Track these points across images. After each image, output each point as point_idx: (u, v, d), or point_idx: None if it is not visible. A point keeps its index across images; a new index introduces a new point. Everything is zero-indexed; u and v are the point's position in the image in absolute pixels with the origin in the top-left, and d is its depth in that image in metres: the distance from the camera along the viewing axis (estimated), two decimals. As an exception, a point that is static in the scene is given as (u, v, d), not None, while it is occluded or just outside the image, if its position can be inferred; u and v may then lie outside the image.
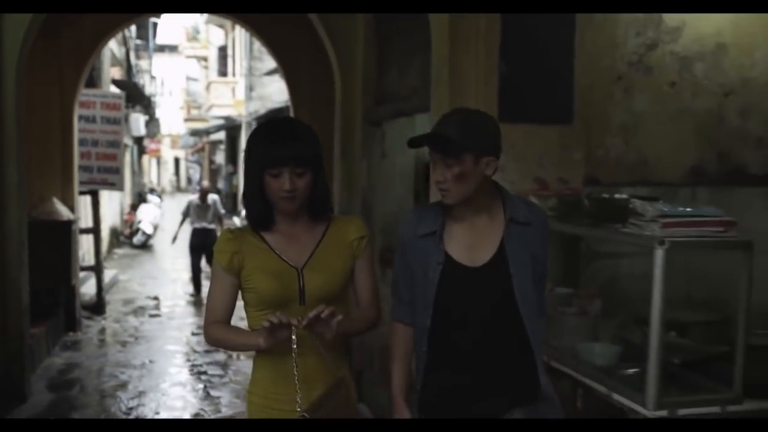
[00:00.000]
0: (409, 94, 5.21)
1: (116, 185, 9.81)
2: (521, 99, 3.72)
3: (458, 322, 2.34)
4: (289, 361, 2.17)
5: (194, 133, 37.75)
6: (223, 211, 11.67)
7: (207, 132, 34.71)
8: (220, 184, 32.10)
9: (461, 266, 2.33)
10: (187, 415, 5.83)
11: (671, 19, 4.06)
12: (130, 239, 18.18)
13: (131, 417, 5.74)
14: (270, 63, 22.96)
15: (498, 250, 2.32)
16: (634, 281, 3.69)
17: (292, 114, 9.69)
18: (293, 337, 2.15)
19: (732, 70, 4.13)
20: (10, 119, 5.68)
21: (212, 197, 11.49)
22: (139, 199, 22.05)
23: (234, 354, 7.35)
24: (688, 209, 2.65)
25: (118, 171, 9.64)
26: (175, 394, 6.40)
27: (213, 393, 6.38)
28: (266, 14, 8.60)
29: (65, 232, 8.05)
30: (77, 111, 8.77)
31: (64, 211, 8.12)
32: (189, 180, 52.38)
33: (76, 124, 8.75)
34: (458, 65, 3.81)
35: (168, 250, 17.44)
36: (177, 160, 55.33)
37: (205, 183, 13.04)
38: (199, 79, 41.00)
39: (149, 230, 18.13)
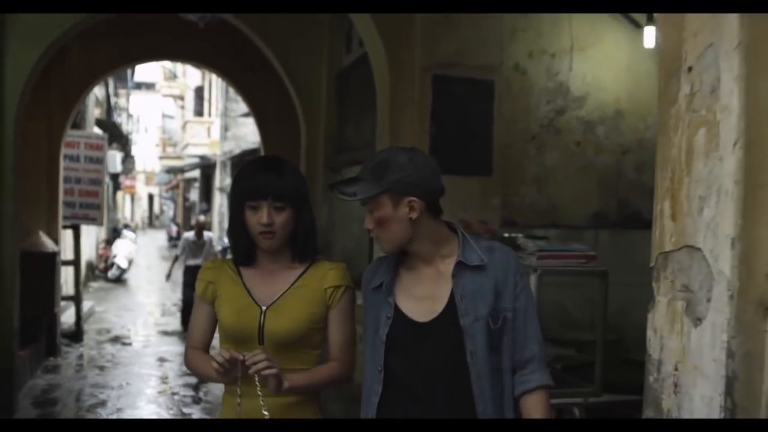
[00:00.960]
0: (363, 146, 5.99)
1: (97, 220, 10.47)
2: (448, 154, 4.51)
3: (408, 387, 2.16)
4: (250, 401, 2.17)
5: (170, 170, 38.30)
6: (218, 248, 12.25)
7: (182, 170, 35.32)
8: (194, 221, 32.67)
9: (411, 321, 2.16)
10: (160, 429, 6.45)
11: (577, 89, 4.91)
12: (105, 273, 18.67)
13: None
14: (245, 105, 23.78)
15: (449, 300, 2.13)
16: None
17: (262, 148, 10.56)
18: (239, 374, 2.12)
19: (629, 132, 4.99)
20: (9, 157, 6.35)
21: (208, 235, 11.70)
22: (114, 234, 22.56)
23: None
24: (561, 246, 3.42)
25: (98, 207, 10.30)
26: (150, 410, 7.01)
27: (185, 410, 7.00)
28: (237, 63, 9.45)
29: (50, 263, 8.69)
30: (63, 150, 9.46)
31: (49, 244, 8.76)
32: (157, 216, 52.80)
33: (62, 163, 9.43)
34: (397, 126, 4.60)
35: (143, 284, 18.02)
36: (151, 197, 55.70)
37: (201, 218, 13.07)
38: (174, 117, 41.69)
39: (124, 264, 18.65)
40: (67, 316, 10.53)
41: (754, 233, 1.78)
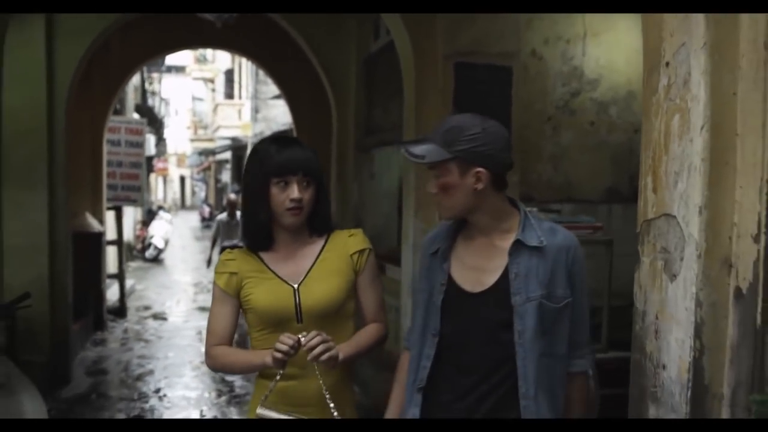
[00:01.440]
0: (391, 128, 6.35)
1: (137, 201, 10.97)
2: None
3: (455, 355, 2.17)
4: (288, 385, 2.22)
5: (201, 152, 38.89)
6: None
7: (213, 152, 35.92)
8: (225, 201, 33.30)
9: (460, 290, 2.17)
10: (206, 394, 6.92)
11: (591, 72, 5.22)
12: (143, 253, 19.28)
13: (160, 395, 6.83)
14: (275, 87, 24.21)
15: (502, 275, 2.11)
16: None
17: (294, 130, 11.00)
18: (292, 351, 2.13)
19: (640, 112, 5.27)
20: (61, 145, 6.81)
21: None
22: (149, 215, 23.21)
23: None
24: (570, 218, 3.77)
25: (139, 189, 10.78)
26: (194, 376, 7.50)
27: (227, 378, 7.48)
28: (269, 49, 9.82)
29: (96, 242, 9.19)
30: (105, 136, 9.94)
31: (95, 224, 9.27)
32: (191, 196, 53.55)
33: (105, 147, 9.91)
34: (422, 110, 4.96)
35: (178, 264, 18.60)
36: (182, 179, 56.55)
37: (233, 196, 12.52)
38: (204, 100, 42.29)
39: (161, 245, 19.24)
40: (111, 294, 11.07)
41: (718, 203, 2.13)
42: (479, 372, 2.13)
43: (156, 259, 19.08)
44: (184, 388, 7.11)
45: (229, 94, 32.26)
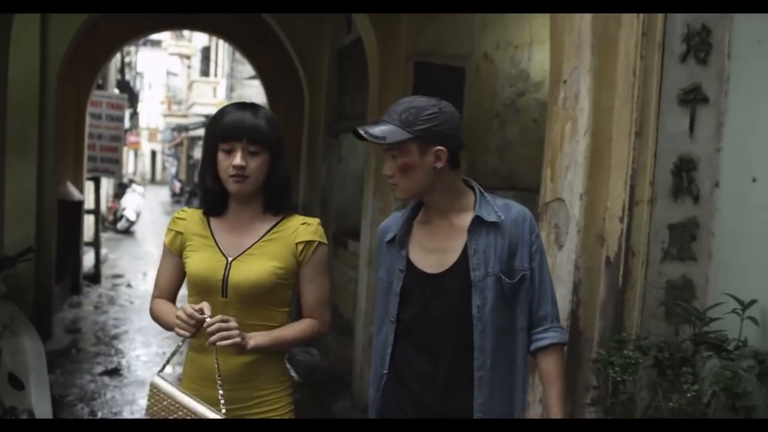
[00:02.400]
0: (359, 115, 6.95)
1: (116, 173, 11.50)
2: (425, 127, 5.48)
3: (418, 339, 2.21)
4: (204, 358, 2.19)
5: (174, 128, 39.08)
6: None
7: (186, 128, 36.17)
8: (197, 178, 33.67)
9: (422, 273, 2.19)
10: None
11: (536, 76, 5.86)
12: (114, 225, 19.69)
13: (136, 353, 7.41)
14: (251, 68, 24.65)
15: (462, 254, 2.15)
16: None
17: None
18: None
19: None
20: (50, 116, 7.31)
21: None
22: (121, 188, 23.56)
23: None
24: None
25: (117, 161, 11.29)
26: (167, 337, 8.07)
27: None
28: (247, 33, 10.33)
29: (77, 210, 9.71)
30: (88, 109, 10.42)
31: (76, 193, 9.77)
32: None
33: (87, 120, 10.40)
34: (385, 103, 5.56)
35: (149, 236, 19.04)
36: (153, 153, 56.49)
37: None
38: (179, 75, 42.39)
39: (133, 217, 19.68)
40: (86, 260, 11.57)
41: (595, 191, 2.79)
42: (441, 349, 2.17)
43: (127, 231, 19.51)
44: (158, 347, 7.68)
45: (205, 72, 32.54)
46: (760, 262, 2.53)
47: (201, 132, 34.12)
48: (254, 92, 26.55)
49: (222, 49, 29.37)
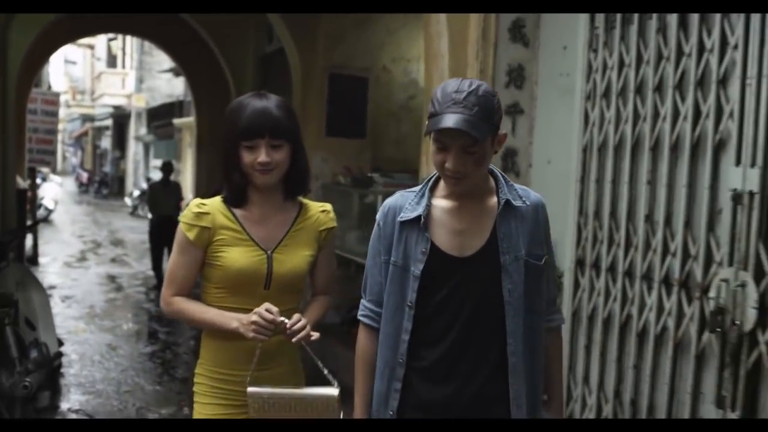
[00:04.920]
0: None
1: (50, 164, 12.51)
2: (338, 126, 7.04)
3: (442, 325, 2.10)
4: (238, 343, 2.22)
5: (79, 118, 39.11)
6: (136, 193, 13.32)
7: (93, 118, 36.42)
8: (107, 168, 34.10)
9: (449, 257, 2.08)
10: (129, 314, 8.78)
11: (423, 82, 7.47)
12: (32, 213, 20.30)
13: (88, 318, 8.66)
14: (161, 59, 25.51)
15: (490, 237, 2.09)
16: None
17: (192, 108, 12.72)
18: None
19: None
20: (11, 112, 8.45)
21: (176, 183, 10.82)
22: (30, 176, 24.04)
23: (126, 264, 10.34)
24: (397, 180, 6.01)
25: (52, 153, 12.32)
26: (110, 300, 9.35)
27: (145, 306, 9.33)
28: (173, 34, 11.50)
29: (22, 197, 10.74)
30: (27, 105, 11.46)
31: (21, 182, 10.81)
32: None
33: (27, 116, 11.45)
34: (306, 106, 7.09)
35: (68, 224, 19.85)
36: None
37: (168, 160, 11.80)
38: (77, 63, 42.22)
39: (51, 206, 20.38)
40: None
41: (453, 170, 4.38)
42: (470, 335, 2.09)
43: (46, 220, 20.20)
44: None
45: (112, 63, 32.96)
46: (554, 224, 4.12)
47: (109, 122, 34.60)
48: (164, 83, 27.50)
49: (130, 41, 29.87)
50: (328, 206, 2.48)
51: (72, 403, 5.51)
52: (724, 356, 2.88)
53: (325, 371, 2.21)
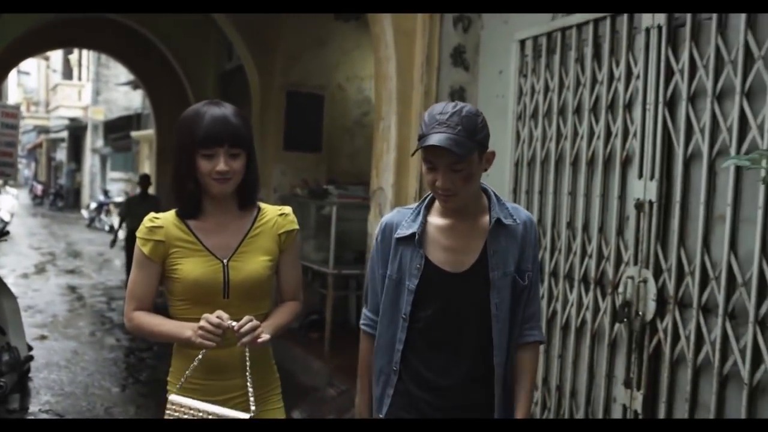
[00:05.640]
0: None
1: (11, 176, 12.65)
2: (295, 140, 7.43)
3: (436, 336, 2.23)
4: (208, 353, 2.17)
5: (40, 130, 38.76)
6: (93, 205, 13.46)
7: (48, 130, 36.14)
8: (62, 180, 33.89)
9: (442, 272, 2.20)
10: (91, 320, 9.03)
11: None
12: (-12, 225, 20.25)
13: (53, 319, 8.88)
14: (118, 72, 25.58)
15: (481, 254, 2.20)
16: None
17: (151, 120, 13.00)
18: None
19: (408, 127, 8.01)
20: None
21: (155, 196, 10.52)
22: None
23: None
24: (351, 192, 6.41)
25: (12, 165, 12.46)
26: (72, 310, 9.57)
27: (107, 315, 9.58)
28: (132, 48, 11.81)
29: (-18, 209, 10.91)
30: (-13, 119, 11.62)
31: (-18, 194, 10.98)
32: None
33: (-13, 129, 11.61)
34: (265, 119, 7.47)
35: (24, 236, 19.85)
36: (7, 155, 54.82)
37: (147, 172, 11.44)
38: (30, 74, 41.82)
39: (7, 218, 20.21)
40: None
41: (400, 183, 4.80)
42: (461, 347, 2.22)
43: (1, 233, 20.13)
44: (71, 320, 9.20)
45: (68, 75, 32.82)
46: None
47: (64, 134, 34.37)
48: (121, 96, 27.53)
49: (86, 54, 29.80)
50: (287, 209, 2.45)
51: (42, 404, 5.77)
52: (632, 343, 3.33)
53: (250, 390, 2.18)
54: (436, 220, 2.24)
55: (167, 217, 2.31)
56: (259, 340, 2.15)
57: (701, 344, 3.01)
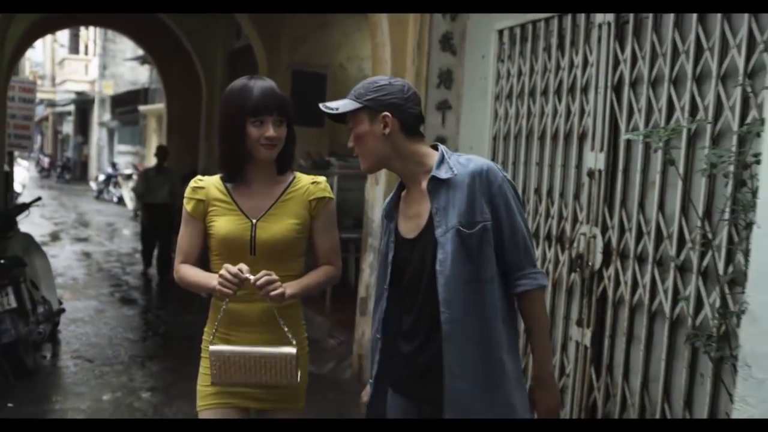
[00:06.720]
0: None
1: (27, 148, 13.28)
2: (300, 115, 7.97)
3: (404, 302, 2.34)
4: (240, 306, 2.42)
5: (46, 104, 39.21)
6: (102, 177, 13.75)
7: (54, 104, 36.62)
8: (69, 153, 34.48)
9: (405, 240, 2.31)
10: (108, 280, 9.69)
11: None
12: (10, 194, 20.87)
13: (74, 276, 9.54)
14: (125, 47, 26.07)
15: (429, 215, 2.22)
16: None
17: (158, 95, 13.54)
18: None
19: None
20: (2, 104, 9.28)
21: (171, 169, 10.12)
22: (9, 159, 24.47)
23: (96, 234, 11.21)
24: (350, 163, 7.03)
25: (29, 138, 13.08)
26: (90, 270, 10.24)
27: (124, 277, 10.24)
28: (144, 27, 12.32)
29: (5, 179, 11.55)
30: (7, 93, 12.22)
31: (5, 166, 11.61)
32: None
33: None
34: (271, 97, 8.08)
35: (35, 209, 20.46)
36: (13, 128, 55.30)
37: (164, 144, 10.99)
38: (35, 47, 42.25)
39: (19, 189, 20.96)
40: None
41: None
42: (420, 309, 2.28)
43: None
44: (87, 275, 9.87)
45: (74, 49, 33.28)
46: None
47: (71, 108, 34.88)
48: (127, 71, 28.03)
49: (92, 29, 30.21)
50: (320, 179, 2.62)
51: (73, 352, 6.43)
52: (583, 289, 3.96)
53: (285, 329, 2.39)
54: (405, 192, 2.36)
55: (210, 180, 2.57)
56: (272, 293, 2.31)
57: (636, 288, 3.65)
